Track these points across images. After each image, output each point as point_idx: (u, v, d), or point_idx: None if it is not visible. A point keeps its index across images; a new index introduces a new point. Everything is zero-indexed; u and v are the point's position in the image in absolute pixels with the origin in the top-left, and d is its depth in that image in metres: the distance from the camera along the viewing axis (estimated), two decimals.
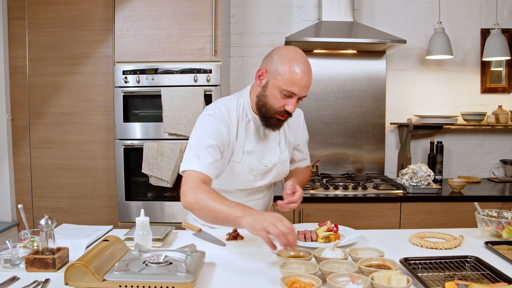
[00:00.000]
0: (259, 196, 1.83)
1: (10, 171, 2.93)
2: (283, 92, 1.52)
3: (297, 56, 1.53)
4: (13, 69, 2.89)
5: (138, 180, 2.75)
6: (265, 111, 1.58)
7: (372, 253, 1.40)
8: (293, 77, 1.50)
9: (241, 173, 1.68)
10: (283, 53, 1.54)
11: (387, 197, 2.64)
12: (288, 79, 1.50)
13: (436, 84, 3.32)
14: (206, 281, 1.27)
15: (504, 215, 1.70)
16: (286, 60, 1.51)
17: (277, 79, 1.52)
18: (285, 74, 1.50)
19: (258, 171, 1.70)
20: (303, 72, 1.50)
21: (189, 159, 1.53)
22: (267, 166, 1.70)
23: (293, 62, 1.50)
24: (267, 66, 1.56)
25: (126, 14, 2.67)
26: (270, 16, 3.27)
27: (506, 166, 3.27)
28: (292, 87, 1.51)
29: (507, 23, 3.26)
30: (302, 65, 1.51)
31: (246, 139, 1.65)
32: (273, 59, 1.54)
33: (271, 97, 1.55)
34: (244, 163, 1.66)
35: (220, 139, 1.57)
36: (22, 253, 1.40)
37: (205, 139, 1.55)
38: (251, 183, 1.72)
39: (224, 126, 1.60)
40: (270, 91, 1.54)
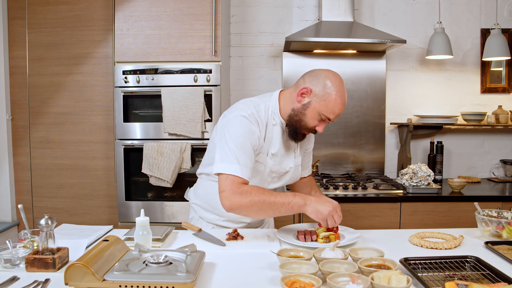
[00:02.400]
0: None
1: (10, 171, 2.93)
2: (321, 116, 1.61)
3: (341, 85, 1.60)
4: (13, 69, 2.89)
5: (138, 180, 2.75)
6: (298, 126, 1.65)
7: (372, 253, 1.40)
8: (336, 106, 1.59)
9: (261, 174, 1.71)
10: (331, 79, 1.60)
11: (387, 197, 2.64)
12: (332, 107, 1.59)
13: (436, 84, 3.32)
14: (206, 281, 1.27)
15: (504, 215, 1.70)
16: (334, 89, 1.58)
17: (321, 103, 1.59)
18: (330, 102, 1.58)
19: (276, 173, 1.74)
20: (344, 103, 1.61)
21: (229, 163, 1.55)
22: (285, 170, 1.75)
23: (339, 91, 1.59)
24: (313, 86, 1.61)
25: (126, 14, 2.68)
26: (270, 16, 3.27)
27: (506, 166, 3.27)
28: (331, 114, 1.60)
29: (507, 23, 3.26)
30: (344, 96, 1.60)
31: (272, 142, 1.69)
32: (321, 83, 1.59)
33: (309, 117, 1.62)
34: (266, 165, 1.70)
35: (255, 141, 1.62)
36: (22, 253, 1.40)
37: (243, 142, 1.58)
38: (266, 185, 1.75)
39: (256, 128, 1.63)
40: (310, 111, 1.61)
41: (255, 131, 1.62)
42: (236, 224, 1.85)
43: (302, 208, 1.55)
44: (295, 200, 1.55)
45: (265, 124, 1.66)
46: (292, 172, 1.79)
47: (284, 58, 3.23)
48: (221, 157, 1.57)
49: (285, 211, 1.55)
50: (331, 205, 1.55)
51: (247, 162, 1.56)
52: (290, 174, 1.79)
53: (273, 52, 3.29)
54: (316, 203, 1.55)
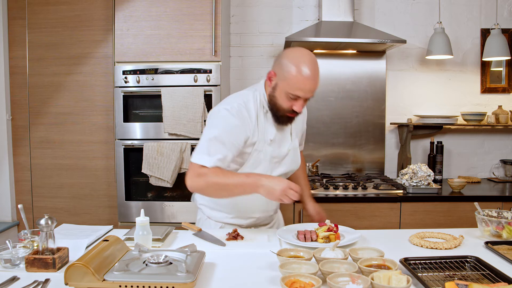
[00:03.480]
0: None
1: (10, 171, 2.93)
2: (289, 95, 1.59)
3: (303, 60, 1.57)
4: (13, 69, 2.89)
5: (138, 180, 2.75)
6: (276, 110, 1.66)
7: (372, 253, 1.40)
8: (298, 82, 1.55)
9: (262, 162, 1.72)
10: (290, 56, 1.59)
11: (387, 197, 2.64)
12: (294, 84, 1.56)
13: (436, 84, 3.32)
14: (206, 281, 1.27)
15: (504, 215, 1.70)
16: (292, 65, 1.56)
17: (284, 82, 1.59)
18: (291, 79, 1.56)
19: (277, 158, 1.76)
20: (308, 77, 1.55)
21: (200, 153, 1.60)
22: (284, 153, 1.77)
23: (299, 67, 1.55)
24: (276, 69, 1.62)
25: (126, 14, 2.67)
26: (270, 16, 3.27)
27: (506, 166, 3.27)
28: (297, 91, 1.57)
29: (507, 23, 3.26)
30: (307, 70, 1.55)
31: (268, 129, 1.71)
32: (282, 62, 1.60)
33: (280, 99, 1.63)
34: (266, 152, 1.71)
35: (235, 135, 1.62)
36: (22, 253, 1.40)
37: (219, 134, 1.60)
38: (270, 171, 1.75)
39: (240, 120, 1.63)
40: (279, 93, 1.62)
41: (237, 124, 1.63)
42: (245, 220, 1.84)
43: (255, 189, 1.55)
44: (248, 181, 1.55)
45: (255, 114, 1.67)
46: (292, 155, 1.80)
47: None
48: (196, 148, 1.64)
49: (239, 192, 1.59)
50: (282, 184, 1.52)
51: (218, 155, 1.58)
52: (289, 157, 1.80)
53: (273, 52, 3.29)
54: (268, 183, 1.52)
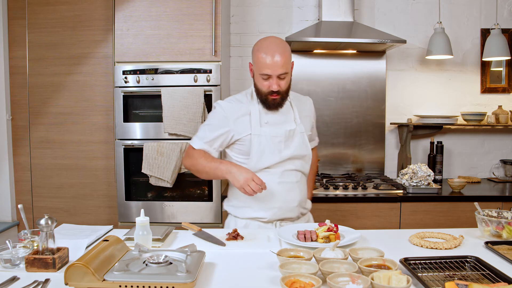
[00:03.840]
0: (293, 179, 1.90)
1: (10, 171, 2.93)
2: (262, 76, 1.78)
3: (265, 42, 1.79)
4: (13, 69, 2.89)
5: (138, 180, 2.75)
6: (260, 95, 1.85)
7: (372, 253, 1.40)
8: (262, 60, 1.75)
9: (266, 145, 1.84)
10: (257, 44, 1.83)
11: (387, 197, 2.64)
12: (260, 64, 1.77)
13: (436, 84, 3.32)
14: (206, 281, 1.27)
15: (504, 215, 1.70)
16: (257, 49, 1.79)
17: (255, 67, 1.81)
18: (257, 61, 1.78)
19: (280, 137, 1.85)
20: (270, 54, 1.74)
21: (194, 137, 1.91)
22: (286, 130, 1.86)
23: (261, 48, 1.77)
24: (252, 59, 1.86)
25: (126, 14, 2.68)
26: (270, 16, 3.27)
27: (506, 166, 3.27)
28: (264, 69, 1.76)
29: (507, 23, 3.26)
30: (269, 49, 1.76)
31: (262, 115, 1.87)
32: (252, 51, 1.83)
33: (258, 83, 1.83)
34: (264, 134, 1.85)
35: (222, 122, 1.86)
36: (22, 253, 1.40)
37: (208, 123, 1.90)
38: (278, 152, 1.85)
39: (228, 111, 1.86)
40: (256, 78, 1.83)
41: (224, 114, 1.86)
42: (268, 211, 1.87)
43: (225, 175, 1.77)
44: (221, 167, 1.78)
45: (246, 105, 1.88)
46: (299, 138, 1.89)
47: None
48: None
49: (214, 175, 1.83)
50: (246, 175, 1.71)
51: (207, 137, 1.86)
52: (297, 140, 1.88)
53: None
54: (236, 172, 1.73)
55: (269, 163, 1.85)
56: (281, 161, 1.86)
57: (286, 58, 1.76)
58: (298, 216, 1.95)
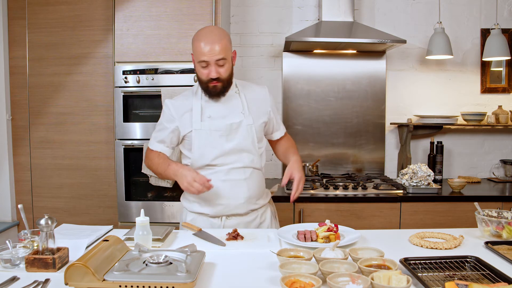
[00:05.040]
0: (241, 177, 1.88)
1: (10, 171, 2.92)
2: (200, 64, 1.80)
3: (204, 31, 1.82)
4: (13, 69, 2.89)
5: (138, 180, 2.75)
6: (201, 84, 1.87)
7: (372, 253, 1.40)
8: (199, 49, 1.77)
9: (207, 138, 1.86)
10: (195, 34, 1.84)
11: (387, 197, 2.64)
12: (197, 52, 1.79)
13: (436, 84, 3.32)
14: (206, 281, 1.27)
15: (504, 215, 1.70)
16: (196, 38, 1.81)
17: (194, 57, 1.83)
18: (195, 50, 1.80)
19: (221, 131, 1.86)
20: (206, 41, 1.76)
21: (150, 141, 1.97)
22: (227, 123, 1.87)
23: (199, 37, 1.80)
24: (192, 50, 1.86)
25: (126, 14, 2.68)
26: (270, 16, 3.27)
27: (506, 166, 3.27)
28: (201, 56, 1.78)
29: (507, 23, 3.26)
30: (205, 36, 1.78)
31: (204, 108, 1.89)
32: (192, 41, 1.84)
33: (198, 73, 1.84)
34: (205, 127, 1.86)
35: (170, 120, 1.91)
36: (22, 253, 1.40)
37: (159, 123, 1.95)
38: (220, 147, 1.86)
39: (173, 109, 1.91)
40: (196, 68, 1.85)
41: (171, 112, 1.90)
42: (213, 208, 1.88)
43: (173, 176, 1.82)
44: (169, 169, 1.83)
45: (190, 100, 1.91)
46: (244, 131, 1.88)
47: (284, 58, 3.23)
48: None
49: (168, 177, 1.86)
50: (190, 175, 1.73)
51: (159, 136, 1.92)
52: (241, 133, 1.87)
53: (273, 52, 3.29)
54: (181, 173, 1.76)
55: (211, 158, 1.85)
56: (224, 155, 1.85)
57: (224, 45, 1.78)
58: (247, 212, 1.91)
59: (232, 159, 1.87)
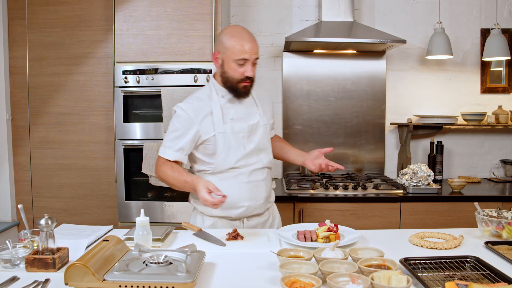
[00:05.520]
0: (260, 177, 1.91)
1: (10, 171, 2.92)
2: (237, 62, 1.79)
3: (236, 29, 1.84)
4: (13, 69, 2.89)
5: (138, 180, 2.75)
6: (230, 84, 1.84)
7: (372, 253, 1.40)
8: (237, 47, 1.78)
9: (232, 142, 1.84)
10: (225, 32, 1.84)
11: (387, 197, 2.64)
12: (237, 49, 1.78)
13: (436, 84, 3.32)
14: (206, 281, 1.27)
15: (504, 215, 1.70)
16: (231, 36, 1.80)
17: (229, 53, 1.80)
18: (234, 47, 1.78)
19: (243, 133, 1.87)
20: (247, 39, 1.79)
21: (162, 147, 1.87)
22: (249, 124, 1.88)
23: (236, 34, 1.80)
24: (217, 48, 1.86)
25: (126, 14, 2.68)
26: (270, 16, 3.27)
27: (506, 166, 3.27)
28: (242, 54, 1.78)
29: (507, 23, 3.26)
30: (244, 35, 1.81)
31: (225, 111, 1.87)
32: (221, 39, 1.83)
33: (230, 71, 1.82)
34: (227, 130, 1.84)
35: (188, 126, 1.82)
36: (22, 253, 1.40)
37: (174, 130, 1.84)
38: (243, 148, 1.86)
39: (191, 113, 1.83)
40: (228, 66, 1.82)
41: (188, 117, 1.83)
42: (235, 210, 1.86)
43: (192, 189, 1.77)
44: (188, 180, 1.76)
45: (207, 103, 1.87)
46: (262, 131, 1.92)
47: (284, 58, 3.23)
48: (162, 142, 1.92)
49: (185, 188, 1.81)
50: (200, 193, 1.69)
51: (176, 145, 1.83)
52: (260, 133, 1.91)
53: (273, 52, 3.29)
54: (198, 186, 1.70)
55: (235, 160, 1.84)
56: (246, 156, 1.86)
57: (258, 45, 1.84)
58: (264, 211, 1.96)
59: (253, 160, 1.89)
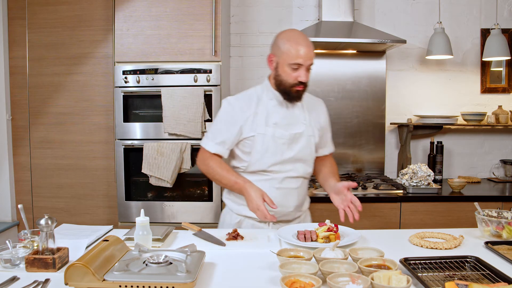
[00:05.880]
0: (293, 186, 1.89)
1: (10, 171, 2.92)
2: (292, 66, 1.76)
3: (294, 33, 1.81)
4: (13, 69, 2.89)
5: (138, 180, 2.75)
6: (283, 87, 1.81)
7: (372, 253, 1.40)
8: (293, 51, 1.74)
9: (270, 144, 1.83)
10: (282, 35, 1.81)
11: (387, 197, 2.64)
12: (293, 54, 1.74)
13: (436, 84, 3.32)
14: (206, 281, 1.27)
15: (504, 215, 1.70)
16: (287, 40, 1.77)
17: (284, 57, 1.76)
18: (289, 51, 1.75)
19: (283, 139, 1.84)
20: (303, 44, 1.75)
21: (205, 139, 1.90)
22: (291, 133, 1.85)
23: (292, 39, 1.77)
24: (273, 51, 1.83)
25: (126, 14, 2.68)
26: (270, 16, 3.27)
27: (506, 166, 3.27)
28: (297, 59, 1.74)
29: (507, 23, 3.26)
30: (301, 40, 1.77)
31: (270, 114, 1.86)
32: (277, 42, 1.81)
33: (284, 74, 1.78)
34: (268, 133, 1.83)
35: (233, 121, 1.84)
36: (22, 253, 1.40)
37: (218, 122, 1.88)
38: (280, 154, 1.84)
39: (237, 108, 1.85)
40: (281, 69, 1.79)
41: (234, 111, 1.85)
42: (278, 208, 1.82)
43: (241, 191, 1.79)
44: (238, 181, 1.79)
45: (256, 101, 1.86)
46: (304, 141, 1.87)
47: None
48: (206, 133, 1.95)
49: (230, 187, 1.85)
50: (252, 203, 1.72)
51: (219, 138, 1.85)
52: (301, 142, 1.86)
53: None
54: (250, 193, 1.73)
55: (268, 164, 1.84)
56: (281, 163, 1.85)
57: (313, 50, 1.79)
58: (293, 218, 1.95)
59: (288, 168, 1.86)
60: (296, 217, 1.96)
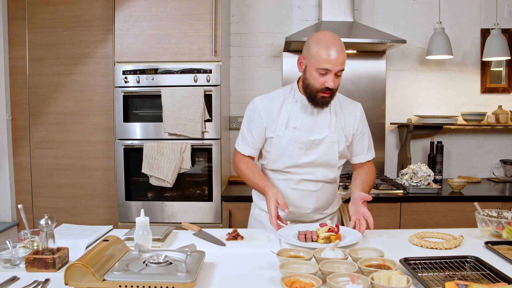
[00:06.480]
0: (311, 188, 1.86)
1: (10, 171, 2.93)
2: (319, 71, 1.69)
3: (326, 37, 1.71)
4: (13, 69, 2.90)
5: (138, 180, 2.75)
6: (309, 91, 1.76)
7: (372, 253, 1.40)
8: (322, 56, 1.67)
9: (286, 147, 1.82)
10: (314, 37, 1.74)
11: (387, 197, 2.64)
12: (321, 58, 1.68)
13: (436, 84, 3.32)
14: (206, 281, 1.27)
15: (504, 215, 1.70)
16: (317, 43, 1.70)
17: (312, 60, 1.70)
18: (318, 55, 1.68)
19: (301, 144, 1.81)
20: (333, 49, 1.67)
21: (237, 140, 1.96)
22: (310, 139, 1.81)
23: (323, 42, 1.69)
24: (304, 53, 1.76)
25: (126, 14, 2.68)
26: (270, 16, 3.27)
27: (506, 166, 3.27)
28: (325, 64, 1.67)
29: (507, 23, 3.26)
30: (331, 43, 1.68)
31: (292, 117, 1.83)
32: (307, 45, 1.74)
33: (311, 78, 1.73)
34: (287, 137, 1.81)
35: (257, 122, 1.85)
36: (22, 253, 1.40)
37: (246, 123, 1.91)
38: (296, 158, 1.82)
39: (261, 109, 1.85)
40: (309, 73, 1.73)
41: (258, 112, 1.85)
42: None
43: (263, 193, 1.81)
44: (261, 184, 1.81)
45: (281, 102, 1.85)
46: (325, 147, 1.81)
47: (284, 58, 3.23)
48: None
49: (255, 189, 1.87)
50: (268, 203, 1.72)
51: (247, 139, 1.89)
52: (321, 149, 1.82)
53: (273, 52, 3.29)
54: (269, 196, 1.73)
55: (284, 166, 1.85)
56: (297, 167, 1.84)
57: (345, 56, 1.71)
58: (313, 220, 1.91)
59: (305, 171, 1.84)
60: (316, 219, 1.91)
